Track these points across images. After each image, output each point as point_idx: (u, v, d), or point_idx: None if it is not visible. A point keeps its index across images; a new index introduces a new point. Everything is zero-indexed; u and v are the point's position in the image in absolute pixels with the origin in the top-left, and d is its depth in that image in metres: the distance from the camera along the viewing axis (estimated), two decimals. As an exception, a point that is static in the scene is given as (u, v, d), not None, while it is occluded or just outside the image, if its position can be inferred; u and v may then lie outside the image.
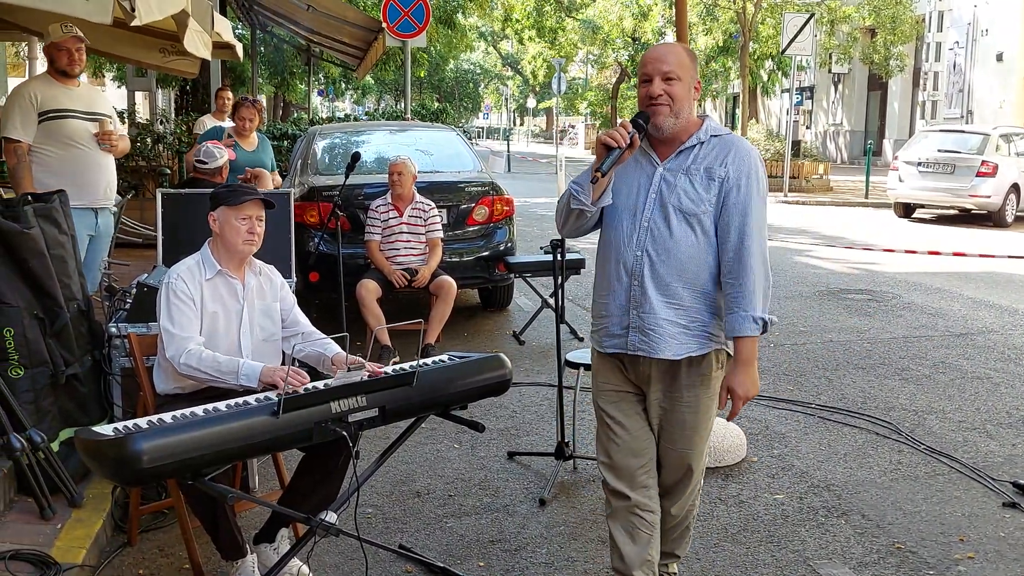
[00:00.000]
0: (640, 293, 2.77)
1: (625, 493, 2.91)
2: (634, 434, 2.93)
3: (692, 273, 2.74)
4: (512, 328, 7.30)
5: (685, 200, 2.73)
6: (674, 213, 2.73)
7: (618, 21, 31.19)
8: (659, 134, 2.76)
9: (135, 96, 18.58)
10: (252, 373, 3.16)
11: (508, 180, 17.46)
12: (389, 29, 11.70)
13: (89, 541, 3.42)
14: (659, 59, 2.70)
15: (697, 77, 2.78)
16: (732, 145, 2.75)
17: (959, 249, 11.51)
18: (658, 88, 2.69)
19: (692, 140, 2.76)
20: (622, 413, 2.93)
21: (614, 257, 2.83)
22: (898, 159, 16.11)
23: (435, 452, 4.71)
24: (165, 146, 11.86)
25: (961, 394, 5.74)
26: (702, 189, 2.72)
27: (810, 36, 19.37)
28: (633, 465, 2.92)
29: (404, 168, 6.44)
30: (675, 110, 2.70)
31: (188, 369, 3.22)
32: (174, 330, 3.24)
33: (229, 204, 3.32)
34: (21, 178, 4.96)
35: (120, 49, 8.18)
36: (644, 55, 2.77)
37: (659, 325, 2.76)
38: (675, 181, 2.75)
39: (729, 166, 2.71)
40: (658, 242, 2.74)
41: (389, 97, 49.77)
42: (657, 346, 2.78)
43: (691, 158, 2.76)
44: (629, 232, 2.78)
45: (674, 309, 2.76)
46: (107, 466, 2.53)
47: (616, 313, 2.84)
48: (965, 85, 25.06)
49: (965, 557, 3.62)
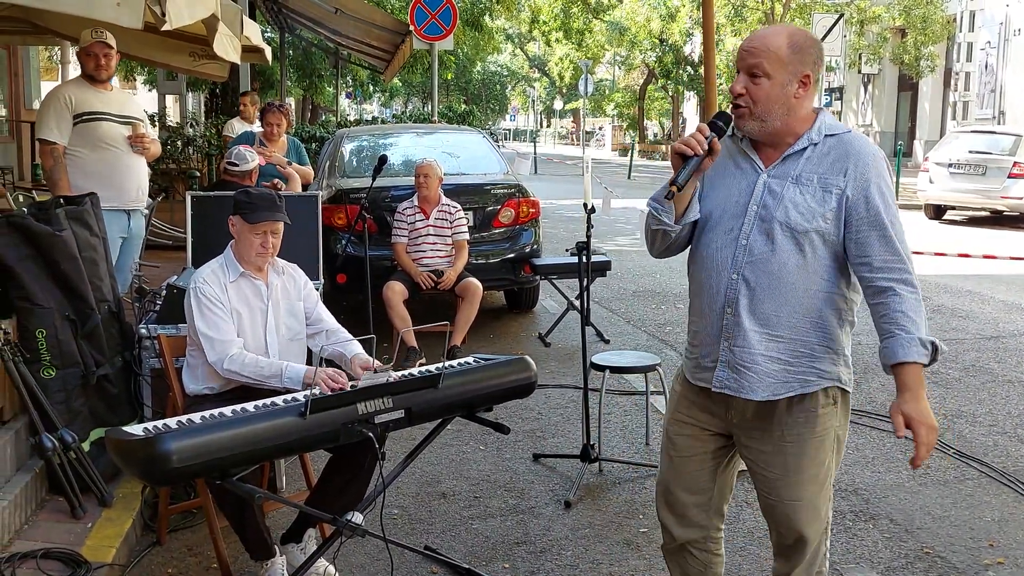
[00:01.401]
0: (734, 323, 2.35)
1: (671, 531, 2.65)
2: (695, 471, 2.58)
3: (798, 301, 2.31)
4: (538, 330, 7.30)
5: (794, 214, 2.30)
6: (780, 229, 2.30)
7: (645, 23, 31.09)
8: (753, 136, 2.38)
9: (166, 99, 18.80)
10: (296, 376, 3.23)
11: (535, 182, 17.45)
12: (416, 31, 11.74)
13: (119, 540, 3.47)
14: (750, 50, 2.29)
15: (807, 69, 2.30)
16: (851, 148, 2.33)
17: (990, 251, 11.35)
18: (739, 86, 2.31)
19: (802, 142, 2.34)
20: (689, 447, 2.57)
21: (705, 279, 2.41)
22: (929, 160, 15.92)
23: (461, 454, 4.72)
24: (195, 149, 11.99)
25: (992, 398, 5.67)
26: (815, 202, 2.30)
27: (839, 36, 19.22)
28: (686, 501, 2.60)
29: (430, 170, 6.47)
30: (758, 113, 2.30)
31: (231, 374, 3.26)
32: (213, 334, 3.28)
33: (245, 219, 3.36)
34: (58, 179, 5.03)
35: (151, 53, 8.27)
36: (744, 42, 2.37)
37: (755, 362, 2.35)
38: (782, 191, 2.32)
39: (850, 174, 2.30)
40: (758, 264, 2.32)
41: (417, 99, 49.96)
42: (749, 385, 2.37)
43: (800, 163, 2.34)
44: (723, 251, 2.37)
45: (775, 342, 2.34)
46: (137, 466, 2.56)
47: (707, 343, 2.43)
48: (997, 85, 24.71)
49: (995, 562, 3.58)
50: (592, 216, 4.58)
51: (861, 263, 2.29)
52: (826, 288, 2.33)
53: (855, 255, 2.30)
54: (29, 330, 3.80)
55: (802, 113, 2.34)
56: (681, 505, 2.61)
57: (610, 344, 6.85)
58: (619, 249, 11.90)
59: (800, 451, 2.42)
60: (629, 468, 4.54)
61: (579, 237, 4.74)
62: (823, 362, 2.37)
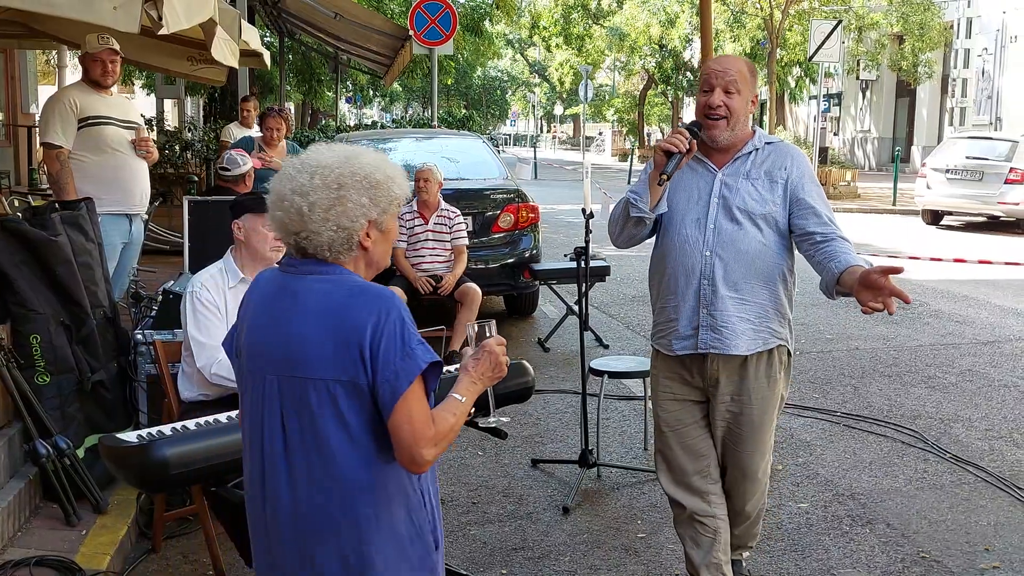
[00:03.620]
0: (711, 292, 2.87)
1: (680, 502, 3.09)
2: (692, 441, 3.06)
3: (759, 270, 2.86)
4: (537, 335, 7.30)
5: (750, 201, 2.86)
6: (739, 214, 2.85)
7: (645, 28, 31.09)
8: (714, 144, 2.89)
9: (164, 104, 18.77)
10: None
11: (535, 187, 17.46)
12: (416, 36, 11.74)
13: (114, 547, 3.45)
14: (723, 71, 2.82)
15: (755, 91, 2.92)
16: (788, 151, 2.93)
17: (987, 257, 11.35)
18: (718, 99, 2.81)
19: (748, 147, 2.91)
20: (681, 421, 3.06)
21: (679, 262, 2.91)
22: (926, 166, 15.93)
23: (458, 459, 4.71)
24: (193, 153, 11.98)
25: (988, 402, 5.66)
26: (765, 191, 2.86)
27: (838, 43, 19.23)
28: (690, 470, 3.06)
29: (430, 175, 6.47)
30: (732, 123, 2.83)
31: (218, 379, 3.25)
32: (203, 339, 3.27)
33: (256, 211, 3.34)
34: (65, 183, 5.02)
35: (148, 57, 8.26)
36: (708, 64, 2.93)
37: (730, 323, 2.86)
38: (736, 185, 2.88)
39: (790, 171, 2.87)
40: (727, 243, 2.85)
41: (417, 104, 49.94)
42: (729, 342, 2.88)
43: (749, 163, 2.91)
44: (695, 237, 2.88)
45: (744, 306, 2.87)
46: (131, 472, 2.56)
47: (686, 315, 2.92)
48: (994, 92, 24.74)
49: (991, 567, 3.58)
50: (591, 221, 4.58)
51: (806, 232, 2.84)
52: (777, 261, 2.89)
53: (800, 227, 2.85)
54: (23, 335, 3.78)
55: (748, 126, 2.94)
56: (686, 475, 3.06)
57: (609, 349, 6.84)
58: (618, 254, 11.89)
59: (763, 409, 2.98)
60: (627, 473, 4.53)
61: (578, 242, 4.73)
62: (775, 323, 2.93)
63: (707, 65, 2.91)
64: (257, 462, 1.97)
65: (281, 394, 1.92)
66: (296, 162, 1.94)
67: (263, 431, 1.94)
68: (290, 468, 1.92)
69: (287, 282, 1.95)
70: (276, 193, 1.93)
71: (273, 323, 1.94)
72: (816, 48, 19.05)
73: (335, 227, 1.89)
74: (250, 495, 2.02)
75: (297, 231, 1.91)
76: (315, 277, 1.92)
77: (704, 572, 3.05)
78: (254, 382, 1.96)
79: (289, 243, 1.95)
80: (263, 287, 2.01)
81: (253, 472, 1.99)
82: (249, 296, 2.04)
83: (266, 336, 1.94)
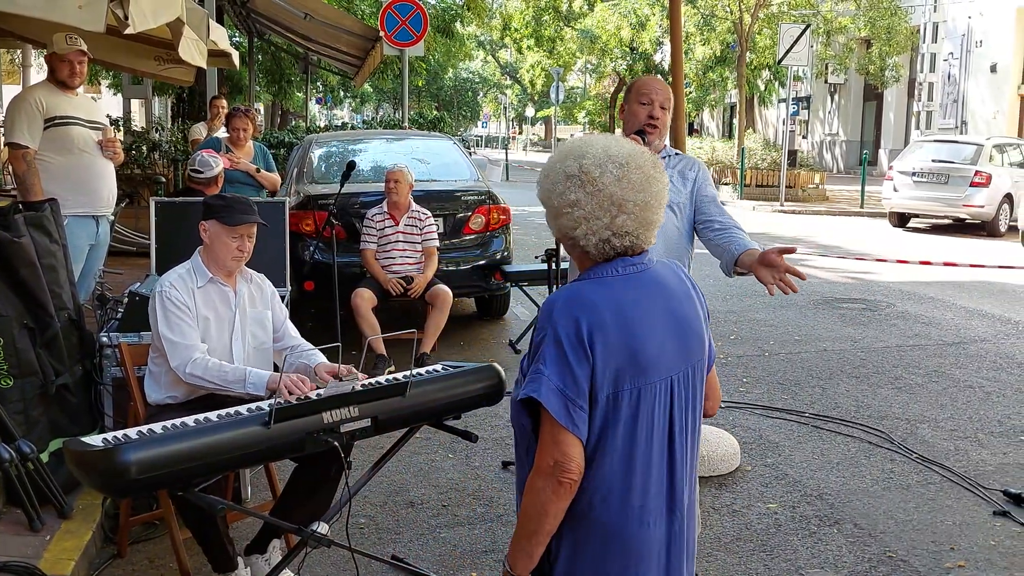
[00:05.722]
0: None
1: None
2: None
3: (673, 247, 3.33)
4: (509, 337, 7.29)
5: (670, 193, 3.07)
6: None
7: (616, 31, 31.18)
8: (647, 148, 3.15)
9: (131, 104, 18.59)
10: (259, 381, 3.19)
11: (506, 189, 17.46)
12: (387, 38, 11.68)
13: (78, 553, 3.40)
14: (662, 90, 3.39)
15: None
16: (693, 159, 3.52)
17: (952, 259, 11.52)
18: (658, 113, 3.36)
19: (664, 154, 3.45)
20: None
21: None
22: (893, 169, 16.14)
23: (429, 462, 4.70)
24: (161, 154, 11.86)
25: (953, 403, 5.74)
26: (679, 185, 3.40)
27: (806, 47, 19.43)
28: None
29: (401, 176, 6.44)
30: (661, 133, 3.42)
31: (193, 378, 3.22)
32: (176, 339, 3.24)
33: (223, 222, 3.32)
34: (31, 184, 4.94)
35: (115, 57, 8.18)
36: (648, 82, 3.42)
37: None
38: None
39: (697, 172, 3.45)
40: None
41: (388, 105, 49.74)
42: None
43: (665, 165, 3.29)
44: None
45: None
46: (95, 477, 2.51)
47: None
48: (959, 96, 25.13)
49: (956, 566, 3.62)
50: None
51: (709, 219, 3.35)
52: (686, 245, 3.42)
53: (704, 214, 3.37)
54: (-13, 338, 3.72)
55: (665, 139, 3.52)
56: None
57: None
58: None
59: None
60: (597, 475, 4.53)
61: (549, 244, 4.74)
62: None
63: (646, 84, 3.42)
64: (658, 477, 1.93)
65: (671, 392, 1.93)
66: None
67: (657, 443, 1.92)
68: (690, 469, 2.00)
69: (644, 278, 1.95)
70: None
71: (663, 322, 1.92)
72: (785, 52, 19.24)
73: None
74: (640, 520, 1.92)
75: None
76: (659, 264, 2.02)
77: None
78: (644, 396, 1.89)
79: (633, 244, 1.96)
80: (620, 297, 1.91)
81: (650, 489, 1.92)
82: (612, 316, 1.88)
83: (663, 337, 1.91)
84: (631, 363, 1.86)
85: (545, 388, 1.84)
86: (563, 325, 1.86)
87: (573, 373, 1.84)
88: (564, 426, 1.83)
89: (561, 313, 1.88)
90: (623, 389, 1.87)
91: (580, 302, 1.89)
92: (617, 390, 1.86)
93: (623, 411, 1.87)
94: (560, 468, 1.83)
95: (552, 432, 1.84)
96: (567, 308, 1.88)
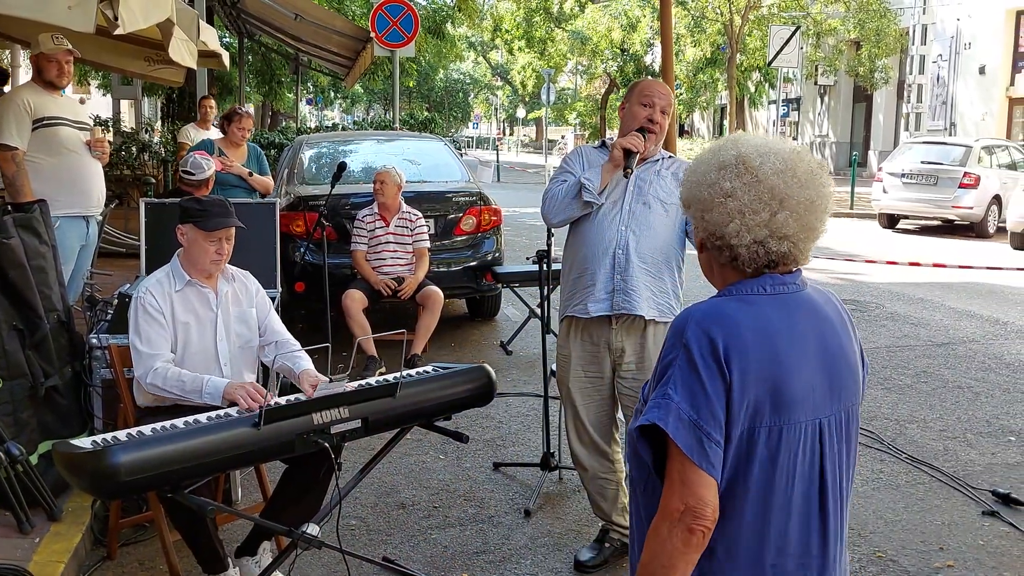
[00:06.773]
0: (624, 260, 3.37)
1: (584, 464, 3.60)
2: (597, 416, 3.56)
3: (663, 245, 3.40)
4: (500, 338, 7.29)
5: (661, 192, 3.43)
6: (652, 200, 3.42)
7: (607, 32, 31.23)
8: (641, 151, 3.40)
9: (120, 104, 18.52)
10: (216, 391, 3.14)
11: (497, 190, 17.47)
12: (377, 38, 11.67)
13: (68, 555, 3.39)
14: (664, 94, 3.44)
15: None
16: (684, 161, 3.41)
17: (941, 260, 11.57)
18: (658, 116, 3.41)
19: (658, 156, 3.51)
20: (589, 399, 3.55)
21: (599, 234, 3.41)
22: (882, 170, 16.20)
23: (420, 463, 4.69)
24: (150, 155, 11.81)
25: (942, 403, 5.77)
26: (672, 185, 3.42)
27: (796, 48, 19.50)
28: (595, 438, 3.57)
29: (387, 177, 6.43)
30: (659, 136, 3.45)
31: (154, 388, 3.20)
32: (141, 347, 3.22)
33: (200, 227, 3.31)
34: (21, 186, 4.92)
35: (105, 58, 8.14)
36: (651, 84, 3.50)
37: (639, 287, 3.37)
38: (649, 179, 3.46)
39: None
40: (639, 221, 3.40)
41: (378, 106, 49.68)
42: (637, 304, 3.38)
43: (659, 167, 3.50)
44: (613, 215, 3.41)
45: (649, 275, 3.39)
46: (85, 479, 2.51)
47: (602, 280, 3.40)
48: (948, 97, 25.23)
49: (945, 566, 3.64)
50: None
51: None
52: (676, 245, 3.44)
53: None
54: (-25, 340, 3.70)
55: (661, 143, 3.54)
56: (591, 442, 3.57)
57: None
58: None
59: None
60: (588, 476, 4.54)
61: (540, 245, 4.74)
62: (672, 300, 3.45)
63: (649, 86, 3.48)
64: (801, 536, 1.67)
65: (821, 438, 1.65)
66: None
67: (799, 494, 1.65)
68: (843, 532, 1.75)
69: (796, 301, 1.68)
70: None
71: (815, 353, 1.65)
72: (775, 53, 19.30)
73: None
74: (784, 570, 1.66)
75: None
76: (813, 288, 1.73)
77: (616, 516, 3.59)
78: (785, 438, 1.62)
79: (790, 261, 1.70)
80: (766, 319, 1.64)
81: (788, 549, 1.66)
82: (755, 339, 1.61)
83: (813, 371, 1.64)
84: (773, 396, 1.60)
85: (674, 418, 1.57)
86: (696, 343, 1.59)
87: (709, 400, 1.56)
88: (696, 464, 1.56)
89: (695, 331, 1.60)
90: (760, 426, 1.60)
91: (718, 318, 1.61)
92: (754, 426, 1.59)
93: (758, 451, 1.61)
94: (692, 514, 1.55)
95: (682, 471, 1.57)
96: (702, 325, 1.61)
